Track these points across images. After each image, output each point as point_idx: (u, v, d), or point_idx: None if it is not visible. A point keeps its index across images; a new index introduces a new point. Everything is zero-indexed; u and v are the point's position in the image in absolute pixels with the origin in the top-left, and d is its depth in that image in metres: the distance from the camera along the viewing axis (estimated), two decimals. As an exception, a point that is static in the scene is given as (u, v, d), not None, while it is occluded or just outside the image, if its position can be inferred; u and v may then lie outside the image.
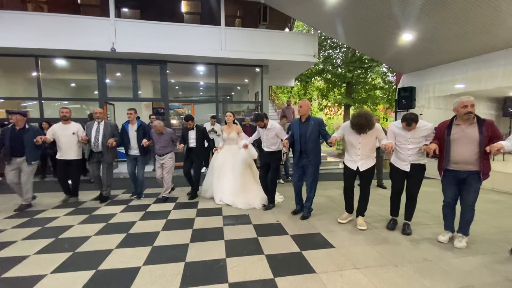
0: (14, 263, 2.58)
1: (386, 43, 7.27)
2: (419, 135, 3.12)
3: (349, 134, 3.41)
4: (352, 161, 3.44)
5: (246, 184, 4.47)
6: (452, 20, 5.53)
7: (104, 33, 6.88)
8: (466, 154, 2.76)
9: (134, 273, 2.41)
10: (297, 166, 3.81)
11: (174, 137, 4.81)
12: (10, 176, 4.17)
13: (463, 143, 2.78)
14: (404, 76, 8.73)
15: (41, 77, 7.40)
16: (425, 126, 3.13)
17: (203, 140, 4.88)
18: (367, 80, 15.40)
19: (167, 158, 4.75)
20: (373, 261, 2.62)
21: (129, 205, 4.51)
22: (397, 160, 3.33)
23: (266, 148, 4.20)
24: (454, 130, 2.84)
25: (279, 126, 4.16)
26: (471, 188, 2.82)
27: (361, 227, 3.43)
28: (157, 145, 4.69)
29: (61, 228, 3.48)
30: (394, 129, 3.31)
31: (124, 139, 4.69)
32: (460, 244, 2.90)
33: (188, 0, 9.27)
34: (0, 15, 6.46)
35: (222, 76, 8.72)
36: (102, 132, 4.54)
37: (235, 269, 2.46)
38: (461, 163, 2.82)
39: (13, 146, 4.10)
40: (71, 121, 4.58)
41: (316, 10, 7.16)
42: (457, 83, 6.95)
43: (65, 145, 4.46)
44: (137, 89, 8.08)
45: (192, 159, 4.85)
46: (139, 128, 4.69)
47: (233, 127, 4.83)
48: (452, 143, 2.84)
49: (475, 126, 2.75)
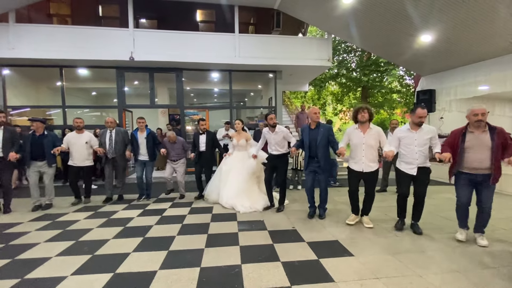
0: (36, 264, 2.66)
1: (403, 45, 7.10)
2: (425, 137, 3.21)
3: (353, 136, 3.55)
4: (357, 163, 3.52)
5: (249, 190, 4.61)
6: (472, 20, 5.32)
7: (123, 43, 7.16)
8: (482, 160, 2.86)
9: (151, 277, 2.42)
10: (308, 170, 3.93)
11: (185, 145, 5.26)
12: (33, 178, 4.49)
13: (478, 149, 2.88)
14: (422, 79, 8.46)
15: (64, 86, 7.78)
16: (429, 128, 3.29)
17: (213, 145, 5.13)
18: (384, 84, 15.09)
19: (180, 163, 5.23)
20: (394, 270, 2.50)
21: (145, 209, 4.59)
22: (403, 165, 3.38)
23: (274, 152, 4.31)
24: (468, 137, 2.94)
25: (286, 130, 4.36)
26: (490, 190, 2.92)
27: (367, 225, 3.57)
28: (171, 152, 5.15)
29: (81, 231, 3.58)
30: (399, 134, 3.39)
31: (133, 145, 5.00)
32: (483, 242, 2.99)
33: (203, 9, 9.50)
34: (28, 29, 6.89)
35: (236, 82, 8.82)
36: (114, 140, 4.88)
37: (251, 276, 2.41)
38: (477, 169, 2.90)
39: (34, 151, 4.43)
40: (84, 130, 4.90)
41: (330, 15, 7.12)
42: (480, 85, 6.64)
43: (78, 153, 4.79)
44: (154, 97, 8.31)
45: (202, 164, 5.07)
46: (148, 136, 5.02)
47: (243, 134, 4.99)
48: (466, 150, 2.94)
49: (487, 133, 2.86)
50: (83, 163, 4.85)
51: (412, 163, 3.26)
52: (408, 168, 3.30)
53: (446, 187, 6.11)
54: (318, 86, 15.43)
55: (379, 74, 14.28)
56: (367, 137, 3.44)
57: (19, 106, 7.96)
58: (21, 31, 6.80)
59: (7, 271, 2.54)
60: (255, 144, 4.92)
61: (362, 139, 3.45)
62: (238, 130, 4.97)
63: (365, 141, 3.43)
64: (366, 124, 3.48)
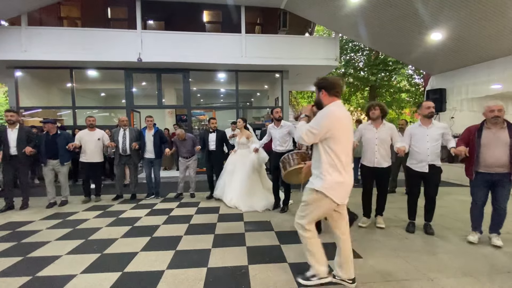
0: (47, 262, 2.71)
1: (413, 43, 6.97)
2: (437, 132, 3.20)
3: (366, 131, 3.52)
4: (369, 159, 3.50)
5: (252, 188, 4.59)
6: (484, 17, 5.18)
7: (132, 45, 7.25)
8: (499, 157, 2.79)
9: (158, 276, 2.43)
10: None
11: (195, 141, 5.29)
12: (49, 176, 4.71)
13: (495, 146, 2.80)
14: (432, 78, 8.29)
15: (74, 88, 7.92)
16: (441, 124, 3.31)
17: (222, 144, 5.14)
18: (392, 83, 14.86)
19: (192, 160, 5.29)
20: (404, 273, 2.45)
21: (153, 209, 4.63)
22: (414, 163, 3.35)
23: (278, 147, 4.29)
24: (485, 134, 2.87)
25: (291, 124, 4.31)
26: (505, 189, 2.86)
27: (380, 225, 3.54)
28: (182, 149, 5.20)
29: (90, 230, 3.63)
30: (411, 130, 3.40)
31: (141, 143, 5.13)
32: (498, 242, 2.93)
33: (209, 10, 9.54)
34: (40, 32, 7.05)
35: (242, 82, 8.82)
36: (129, 137, 5.03)
37: (258, 277, 2.40)
38: (494, 166, 2.83)
39: (49, 150, 4.62)
40: (96, 128, 5.08)
41: (337, 14, 7.05)
42: (493, 84, 6.46)
43: (90, 150, 4.96)
44: (161, 97, 8.38)
45: (213, 164, 5.11)
46: (155, 134, 5.14)
47: (244, 132, 4.96)
48: (483, 146, 2.86)
49: (505, 130, 2.80)
50: (95, 159, 5.01)
51: (423, 160, 3.23)
52: (419, 166, 3.28)
53: (457, 188, 5.97)
54: (325, 85, 15.30)
55: (387, 73, 14.06)
56: (380, 132, 3.43)
57: (31, 107, 8.14)
58: (33, 34, 6.96)
59: (20, 269, 2.59)
60: (257, 142, 4.95)
61: (375, 134, 3.44)
62: (240, 128, 5.01)
63: (378, 135, 3.42)
64: (378, 120, 3.48)
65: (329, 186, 2.02)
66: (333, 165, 2.03)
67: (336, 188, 2.03)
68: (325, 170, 2.03)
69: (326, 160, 2.03)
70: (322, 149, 2.06)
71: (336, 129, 2.01)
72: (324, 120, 1.99)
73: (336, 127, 2.01)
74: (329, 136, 2.01)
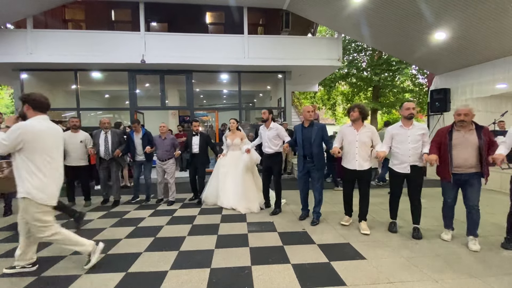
0: (52, 262, 2.74)
1: (416, 43, 6.93)
2: (417, 133, 3.23)
3: (347, 134, 3.53)
4: (350, 162, 3.50)
5: (247, 190, 4.54)
6: (489, 16, 5.13)
7: (135, 47, 7.30)
8: (467, 158, 2.89)
9: (162, 277, 2.44)
10: (302, 171, 3.86)
11: (175, 142, 5.00)
12: None
13: (464, 148, 2.90)
14: (436, 78, 8.23)
15: (79, 89, 8.01)
16: (421, 125, 3.32)
17: (206, 147, 4.99)
18: (395, 83, 14.76)
19: (169, 164, 4.94)
20: (409, 275, 2.43)
21: (156, 209, 4.65)
22: (396, 164, 3.36)
23: (267, 149, 4.29)
24: (456, 135, 2.96)
25: (281, 127, 4.29)
26: (474, 189, 2.93)
27: (364, 231, 3.41)
28: (159, 150, 4.91)
29: (95, 230, 3.66)
30: (392, 131, 3.38)
31: (130, 146, 4.98)
32: (475, 247, 2.91)
33: (212, 12, 9.58)
34: (45, 34, 7.14)
35: (245, 83, 8.84)
36: (111, 141, 4.80)
37: (261, 278, 2.40)
38: (463, 167, 2.92)
39: None
40: (80, 130, 4.81)
41: (340, 14, 7.03)
42: (498, 83, 6.39)
43: (73, 153, 4.65)
44: (164, 98, 8.43)
45: (196, 166, 4.96)
46: (144, 136, 4.95)
47: (237, 134, 4.86)
48: (454, 147, 2.95)
49: (474, 131, 2.90)
50: (78, 163, 4.70)
51: (405, 162, 3.26)
52: (401, 167, 3.29)
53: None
54: (328, 86, 15.25)
55: (390, 73, 13.96)
56: (360, 135, 3.43)
57: (36, 109, 8.23)
58: (39, 37, 7.05)
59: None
60: (249, 143, 4.90)
61: (355, 136, 3.44)
62: (232, 130, 4.83)
63: (359, 138, 3.42)
64: (359, 122, 3.48)
65: (31, 191, 2.29)
66: (31, 172, 2.30)
67: (39, 192, 2.31)
68: (25, 177, 2.29)
69: (24, 168, 2.29)
70: (19, 159, 2.30)
71: (31, 141, 2.27)
72: (14, 134, 2.22)
73: (31, 139, 2.27)
74: (23, 147, 2.25)
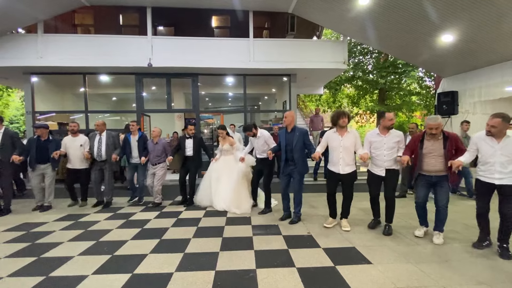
0: (60, 262, 2.78)
1: (422, 45, 6.87)
2: (393, 141, 3.47)
3: (331, 139, 3.67)
4: (335, 165, 3.65)
5: (240, 194, 4.66)
6: (497, 18, 5.06)
7: (142, 50, 7.40)
8: (435, 164, 3.17)
9: (167, 279, 2.45)
10: (284, 173, 4.03)
11: (167, 147, 5.08)
12: (35, 181, 4.70)
13: (433, 155, 3.18)
14: (444, 80, 8.14)
15: (87, 92, 8.14)
16: (397, 133, 3.55)
17: (200, 149, 5.09)
18: (402, 86, 14.63)
19: (159, 168, 4.99)
20: (416, 280, 2.39)
21: (162, 211, 4.68)
22: (373, 167, 3.61)
23: (258, 155, 4.56)
24: (426, 144, 3.23)
25: (267, 134, 4.52)
26: (443, 190, 3.20)
27: (345, 228, 3.65)
28: (151, 154, 4.98)
29: (101, 231, 3.71)
30: (370, 138, 3.60)
31: (126, 148, 5.08)
32: (438, 240, 3.21)
33: (218, 15, 9.67)
34: (55, 39, 7.30)
35: (250, 86, 8.87)
36: (105, 142, 4.89)
37: (266, 281, 2.39)
38: (432, 172, 3.21)
39: (39, 155, 4.64)
40: (79, 134, 4.99)
41: (345, 17, 7.03)
42: (508, 86, 6.29)
43: (73, 156, 4.85)
44: (170, 101, 8.51)
45: (188, 168, 5.02)
46: (139, 139, 5.07)
47: (227, 139, 5.00)
48: (424, 156, 3.22)
49: (441, 141, 3.16)
50: (80, 166, 4.89)
51: (381, 166, 3.51)
52: (377, 170, 3.55)
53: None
54: (333, 89, 15.20)
55: (397, 76, 13.86)
56: (344, 140, 3.57)
57: (46, 111, 8.40)
58: (49, 41, 7.21)
59: (34, 269, 2.67)
60: (242, 149, 5.07)
61: (340, 142, 3.57)
62: (223, 136, 4.96)
63: (343, 143, 3.56)
64: (344, 128, 3.61)
65: None
66: None
67: None
68: None
69: None
70: None
71: None
72: None
73: None
74: None
